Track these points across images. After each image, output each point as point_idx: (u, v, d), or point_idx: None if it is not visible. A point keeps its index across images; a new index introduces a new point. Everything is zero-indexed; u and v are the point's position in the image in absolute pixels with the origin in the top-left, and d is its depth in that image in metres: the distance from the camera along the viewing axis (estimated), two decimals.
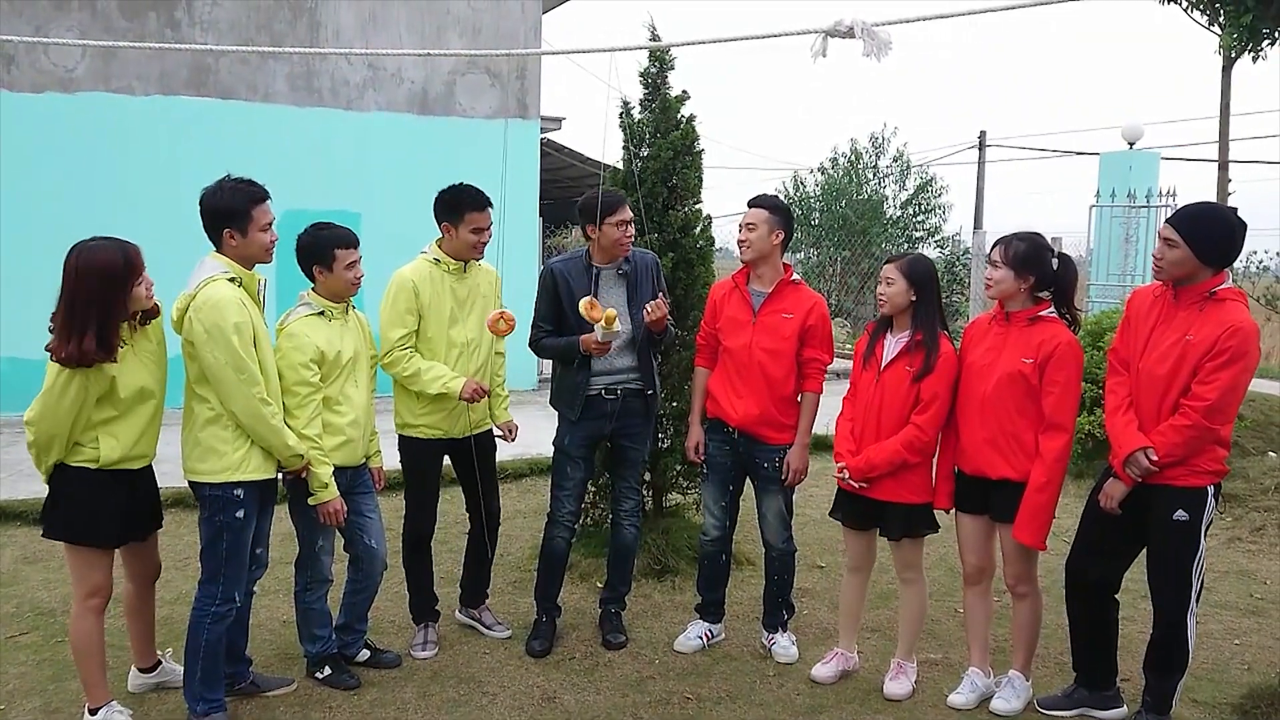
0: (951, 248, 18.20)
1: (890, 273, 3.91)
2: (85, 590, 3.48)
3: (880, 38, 3.40)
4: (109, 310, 3.24)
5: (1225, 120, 8.89)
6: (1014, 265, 3.72)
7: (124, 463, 3.42)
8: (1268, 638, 4.63)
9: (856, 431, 3.98)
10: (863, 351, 4.04)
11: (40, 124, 9.32)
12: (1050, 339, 3.67)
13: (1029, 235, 3.78)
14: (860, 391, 4.01)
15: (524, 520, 6.31)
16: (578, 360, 4.26)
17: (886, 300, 3.91)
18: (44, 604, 4.82)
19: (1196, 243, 3.41)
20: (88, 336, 3.18)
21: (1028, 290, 3.74)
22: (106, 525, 3.43)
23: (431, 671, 4.18)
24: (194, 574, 3.62)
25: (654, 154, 5.17)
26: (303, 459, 3.63)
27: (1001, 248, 3.78)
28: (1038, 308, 3.75)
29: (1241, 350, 3.33)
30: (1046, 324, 3.72)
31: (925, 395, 3.84)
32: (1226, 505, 6.48)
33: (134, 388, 3.37)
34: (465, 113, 11.04)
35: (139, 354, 3.41)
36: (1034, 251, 3.73)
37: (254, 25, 10.10)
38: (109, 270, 3.25)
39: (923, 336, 3.86)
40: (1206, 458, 3.44)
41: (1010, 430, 3.71)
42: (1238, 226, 3.47)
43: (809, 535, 5.95)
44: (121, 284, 3.26)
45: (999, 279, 3.75)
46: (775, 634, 4.42)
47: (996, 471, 3.74)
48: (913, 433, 3.84)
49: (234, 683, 3.83)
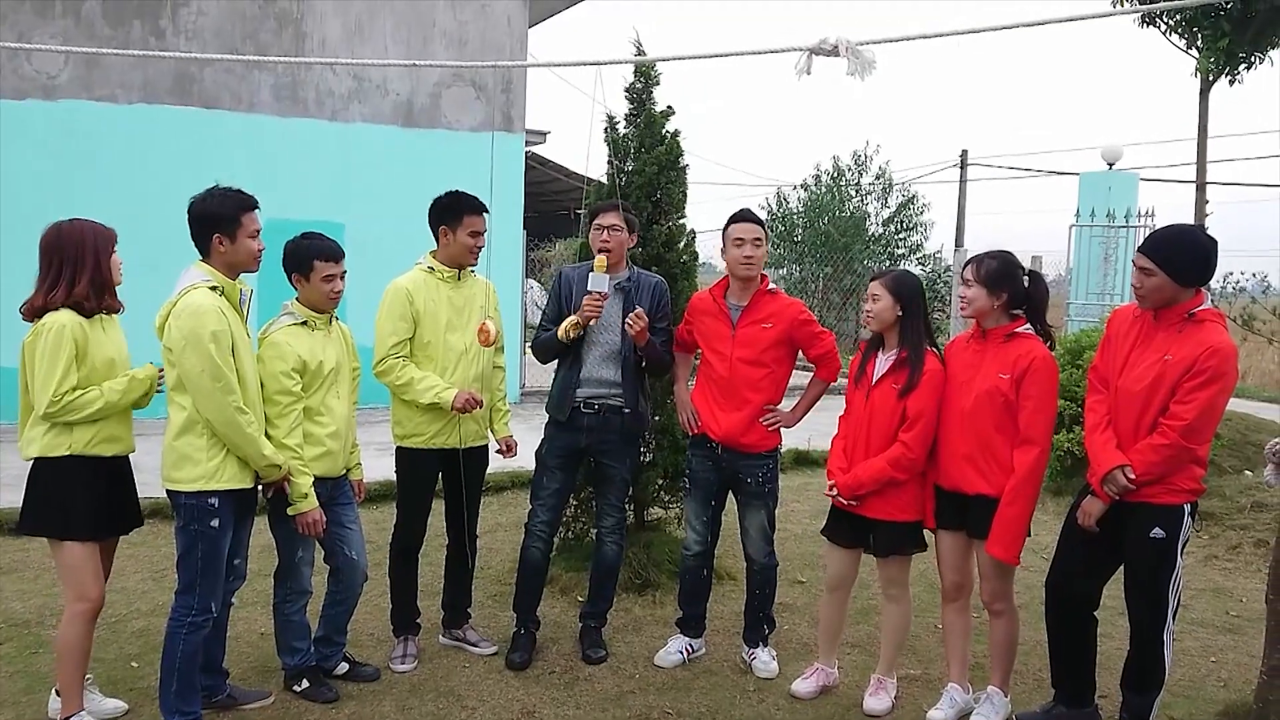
0: (933, 265, 18.31)
1: (876, 289, 3.94)
2: (74, 593, 3.48)
3: (864, 57, 3.43)
4: (98, 266, 3.44)
5: (1203, 142, 9.01)
6: (986, 283, 3.76)
7: (94, 445, 3.44)
8: (1244, 655, 4.66)
9: (848, 449, 3.99)
10: (855, 371, 4.05)
11: (22, 131, 9.26)
12: (1026, 354, 3.69)
13: (999, 253, 3.83)
14: (852, 410, 4.03)
15: (505, 533, 6.29)
16: (570, 358, 4.28)
17: (873, 317, 3.93)
18: (18, 615, 4.77)
19: (1171, 267, 3.43)
20: (80, 283, 3.39)
21: (1001, 307, 3.77)
22: (84, 515, 3.44)
23: (411, 685, 4.16)
24: (171, 585, 3.59)
25: (638, 169, 5.18)
26: (280, 469, 3.61)
27: (973, 266, 3.82)
28: (1013, 324, 3.78)
29: (1220, 371, 3.36)
30: (1022, 340, 3.75)
31: (911, 412, 3.85)
32: (1203, 523, 6.53)
33: (106, 357, 3.45)
34: (450, 125, 11.05)
35: (109, 337, 3.51)
36: (1005, 269, 3.77)
37: (239, 35, 10.08)
38: (97, 231, 3.47)
39: (908, 354, 3.88)
40: (1184, 476, 3.47)
41: (988, 446, 3.73)
42: (1209, 245, 3.51)
43: (790, 550, 5.96)
44: (107, 246, 3.48)
45: (972, 296, 3.79)
46: (756, 649, 4.42)
47: (973, 487, 3.75)
48: (899, 450, 3.85)
49: (211, 695, 3.79)
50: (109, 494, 3.53)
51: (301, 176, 10.18)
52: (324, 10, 10.41)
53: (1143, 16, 8.63)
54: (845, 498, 3.93)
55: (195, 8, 9.89)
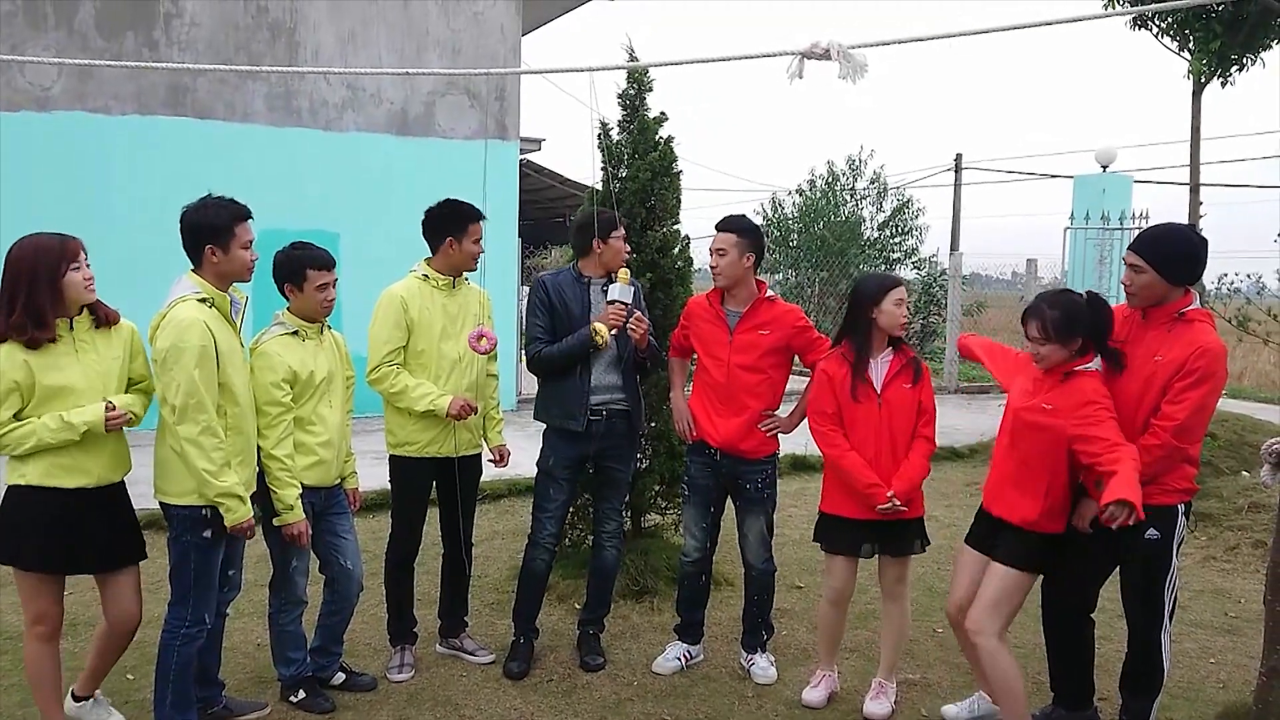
0: (929, 269, 18.33)
1: (902, 293, 3.91)
2: (30, 616, 3.42)
3: (856, 60, 3.42)
4: (38, 285, 3.21)
5: (1196, 144, 9.01)
6: (1057, 338, 3.48)
7: (51, 476, 3.26)
8: (1242, 656, 4.66)
9: (869, 457, 3.89)
10: (846, 387, 3.92)
11: (16, 143, 9.25)
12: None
13: (1062, 300, 3.51)
14: (861, 421, 3.90)
15: (502, 541, 6.28)
16: (580, 365, 4.25)
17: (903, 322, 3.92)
18: (13, 628, 4.74)
19: (1162, 264, 3.45)
20: (16, 311, 3.17)
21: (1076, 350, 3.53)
22: (33, 548, 3.30)
23: (408, 694, 4.14)
24: (166, 597, 3.58)
25: (632, 175, 5.19)
26: (241, 507, 3.42)
27: (1037, 324, 3.49)
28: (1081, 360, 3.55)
29: (1210, 371, 3.36)
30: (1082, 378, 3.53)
31: (926, 404, 3.94)
32: (1201, 525, 6.53)
33: (57, 384, 3.23)
34: (445, 134, 11.06)
35: (80, 356, 3.31)
36: (1069, 315, 3.47)
37: (232, 45, 10.09)
38: (42, 249, 3.25)
39: (911, 353, 3.98)
40: (1177, 476, 3.47)
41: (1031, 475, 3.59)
42: (1199, 243, 3.52)
43: (788, 556, 5.95)
44: (54, 264, 3.23)
45: (1046, 353, 3.50)
46: (754, 655, 4.42)
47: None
48: (928, 446, 3.94)
49: (206, 706, 3.78)
50: (76, 528, 3.32)
51: (296, 186, 10.17)
52: (317, 20, 10.42)
53: (1135, 19, 8.65)
54: (902, 503, 3.87)
55: (188, 19, 9.89)
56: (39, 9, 9.36)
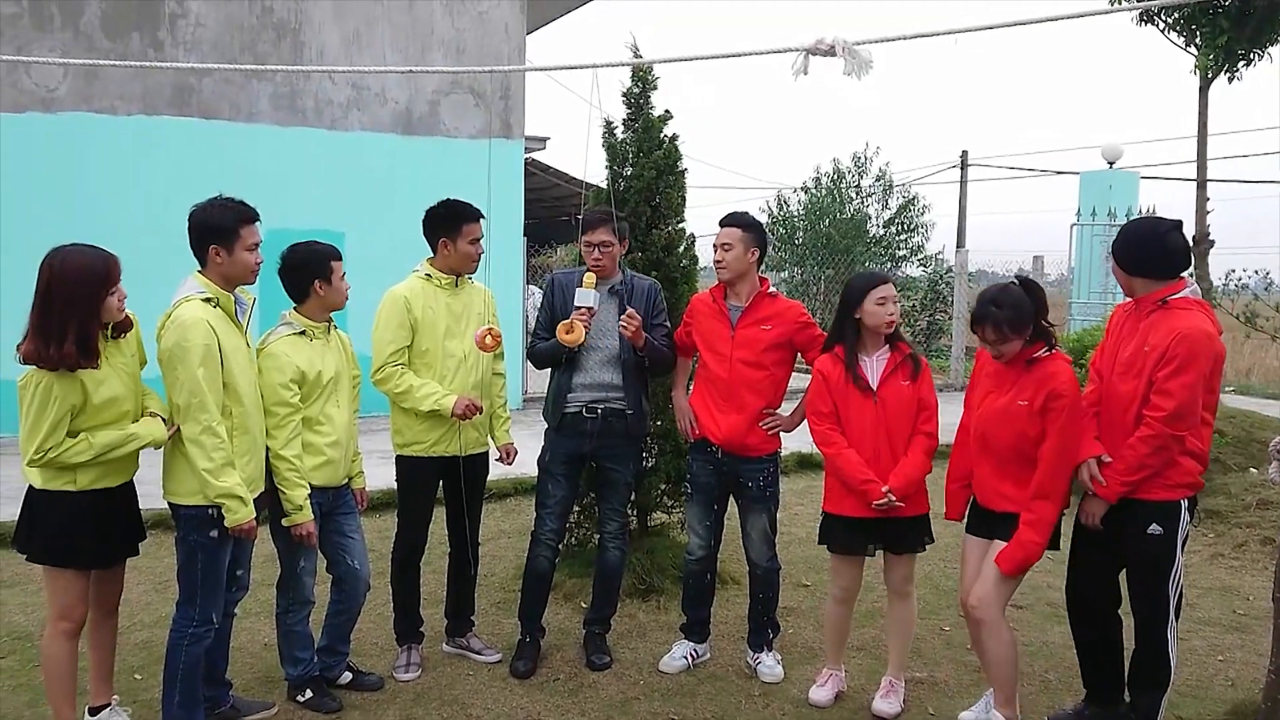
0: (934, 266, 18.30)
1: (890, 289, 3.93)
2: (57, 612, 3.44)
3: (861, 56, 3.41)
4: (87, 314, 3.20)
5: (1203, 139, 8.97)
6: (1012, 333, 3.55)
7: (100, 481, 3.37)
8: (1251, 654, 4.64)
9: (867, 455, 3.89)
10: (840, 382, 3.92)
11: (22, 144, 9.29)
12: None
13: (1006, 298, 3.57)
14: (856, 418, 3.91)
15: (508, 540, 6.28)
16: (564, 365, 4.28)
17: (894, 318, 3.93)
18: (21, 628, 4.76)
19: (1120, 257, 3.56)
20: (68, 341, 3.15)
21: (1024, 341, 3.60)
22: (86, 547, 3.39)
23: (414, 694, 4.15)
24: (174, 596, 3.58)
25: (637, 173, 5.18)
26: (242, 508, 3.41)
27: (992, 329, 3.56)
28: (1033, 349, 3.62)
29: (1190, 355, 3.35)
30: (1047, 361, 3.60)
31: (926, 400, 3.92)
32: (1208, 521, 6.51)
33: (106, 397, 3.30)
34: (449, 133, 11.07)
35: (113, 366, 3.37)
36: (1018, 312, 3.55)
37: (238, 46, 10.10)
38: (88, 273, 3.21)
39: (908, 350, 3.94)
40: (1178, 470, 3.46)
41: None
42: (1163, 232, 3.53)
43: (793, 554, 5.94)
44: (99, 289, 3.22)
45: (1007, 350, 3.59)
46: (760, 653, 4.41)
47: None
48: (928, 443, 3.91)
49: (214, 706, 3.78)
50: (112, 522, 3.46)
51: (301, 186, 10.20)
52: (322, 20, 10.44)
53: (1141, 15, 8.62)
54: (899, 499, 3.85)
55: (193, 19, 9.92)
56: (44, 10, 9.38)
